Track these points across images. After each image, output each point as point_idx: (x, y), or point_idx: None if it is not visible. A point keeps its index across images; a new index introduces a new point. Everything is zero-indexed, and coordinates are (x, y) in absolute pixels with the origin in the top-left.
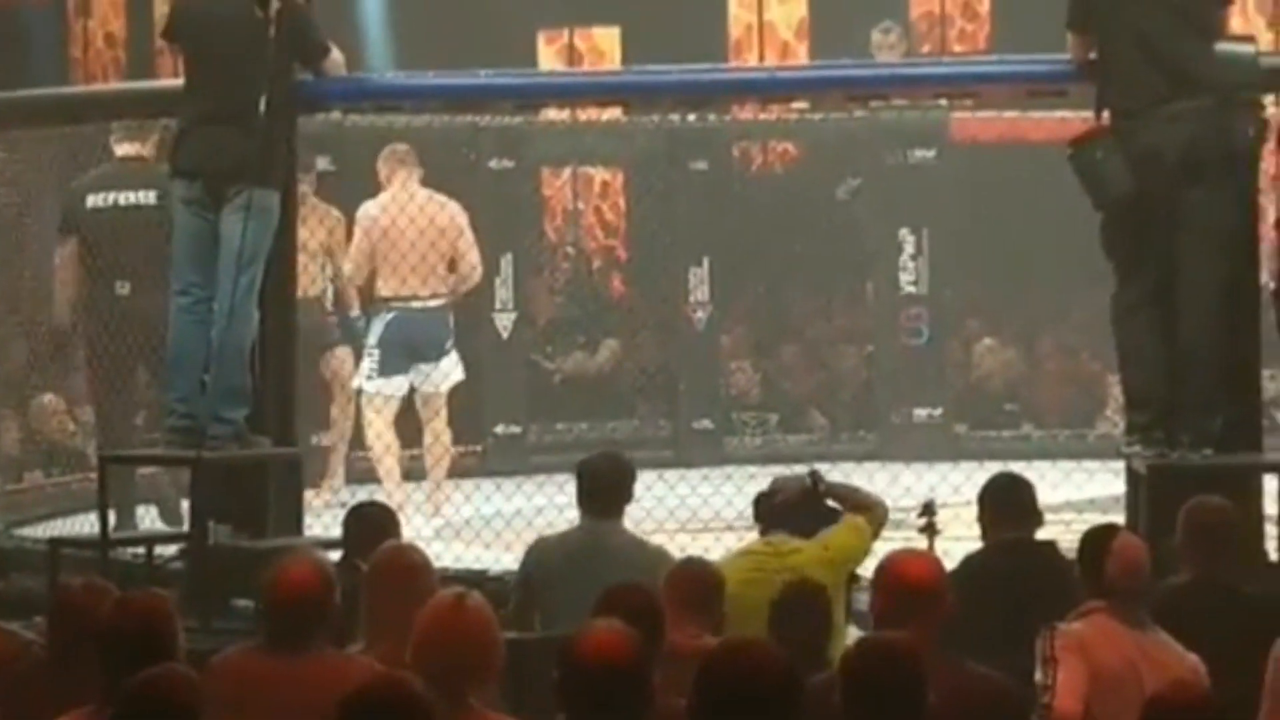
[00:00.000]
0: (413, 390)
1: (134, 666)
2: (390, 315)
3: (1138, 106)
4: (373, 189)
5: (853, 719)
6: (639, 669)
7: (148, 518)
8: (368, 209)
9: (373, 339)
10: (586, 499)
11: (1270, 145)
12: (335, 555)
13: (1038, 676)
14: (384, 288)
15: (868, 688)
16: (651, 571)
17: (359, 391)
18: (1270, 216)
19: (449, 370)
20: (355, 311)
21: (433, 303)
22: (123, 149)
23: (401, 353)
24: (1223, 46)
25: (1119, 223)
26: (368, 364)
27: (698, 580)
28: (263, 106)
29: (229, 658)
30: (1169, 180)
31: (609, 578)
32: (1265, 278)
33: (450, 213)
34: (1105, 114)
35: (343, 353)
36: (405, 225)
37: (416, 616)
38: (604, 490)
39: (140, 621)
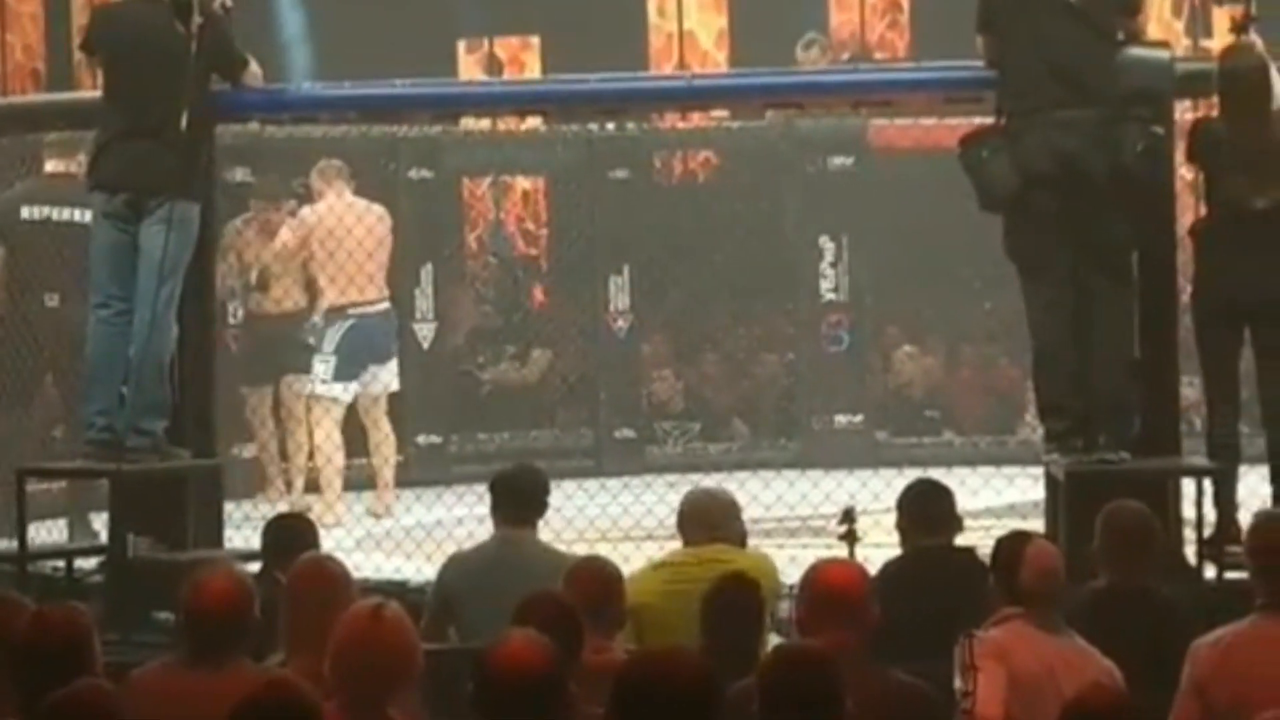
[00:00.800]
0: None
1: (52, 681)
2: (349, 323)
3: (1030, 109)
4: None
5: None
6: (555, 678)
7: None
8: (304, 214)
9: (329, 345)
10: (500, 511)
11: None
12: (254, 567)
13: (958, 684)
14: (332, 294)
15: (784, 696)
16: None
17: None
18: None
19: (394, 374)
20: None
21: (381, 306)
22: (52, 165)
23: (357, 359)
24: (1138, 52)
25: (1018, 225)
26: (321, 369)
27: (596, 580)
28: (184, 121)
29: (148, 673)
30: (1053, 185)
31: (524, 589)
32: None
33: (389, 221)
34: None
35: (292, 378)
36: (353, 224)
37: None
38: (518, 502)
39: (59, 636)
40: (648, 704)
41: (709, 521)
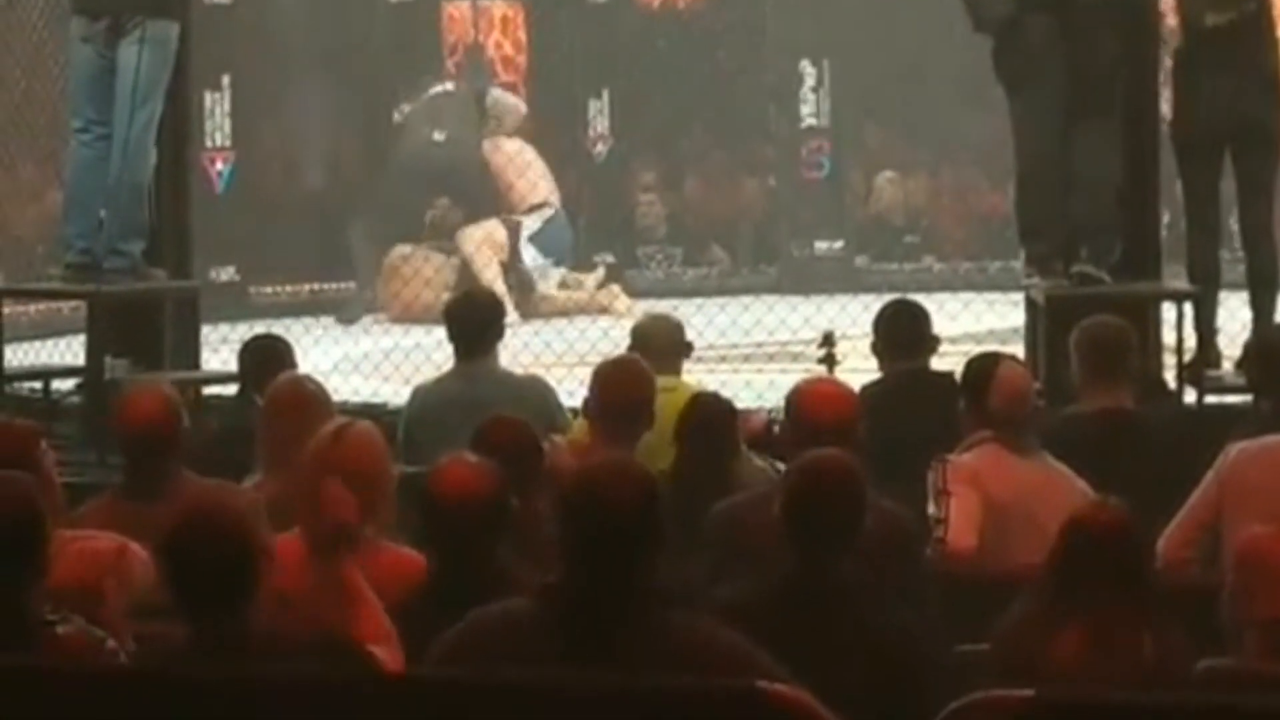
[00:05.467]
0: None
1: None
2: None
3: None
4: None
5: (796, 535)
6: (493, 501)
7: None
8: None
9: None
10: (456, 342)
11: None
12: (233, 389)
13: (930, 509)
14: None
15: (811, 501)
16: (525, 401)
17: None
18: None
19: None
20: None
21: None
22: None
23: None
24: None
25: (1008, 47)
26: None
27: (629, 381)
28: None
29: (92, 508)
30: (1045, 8)
31: (485, 415)
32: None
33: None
34: None
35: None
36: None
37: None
38: (470, 332)
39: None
40: (593, 514)
41: (663, 347)
